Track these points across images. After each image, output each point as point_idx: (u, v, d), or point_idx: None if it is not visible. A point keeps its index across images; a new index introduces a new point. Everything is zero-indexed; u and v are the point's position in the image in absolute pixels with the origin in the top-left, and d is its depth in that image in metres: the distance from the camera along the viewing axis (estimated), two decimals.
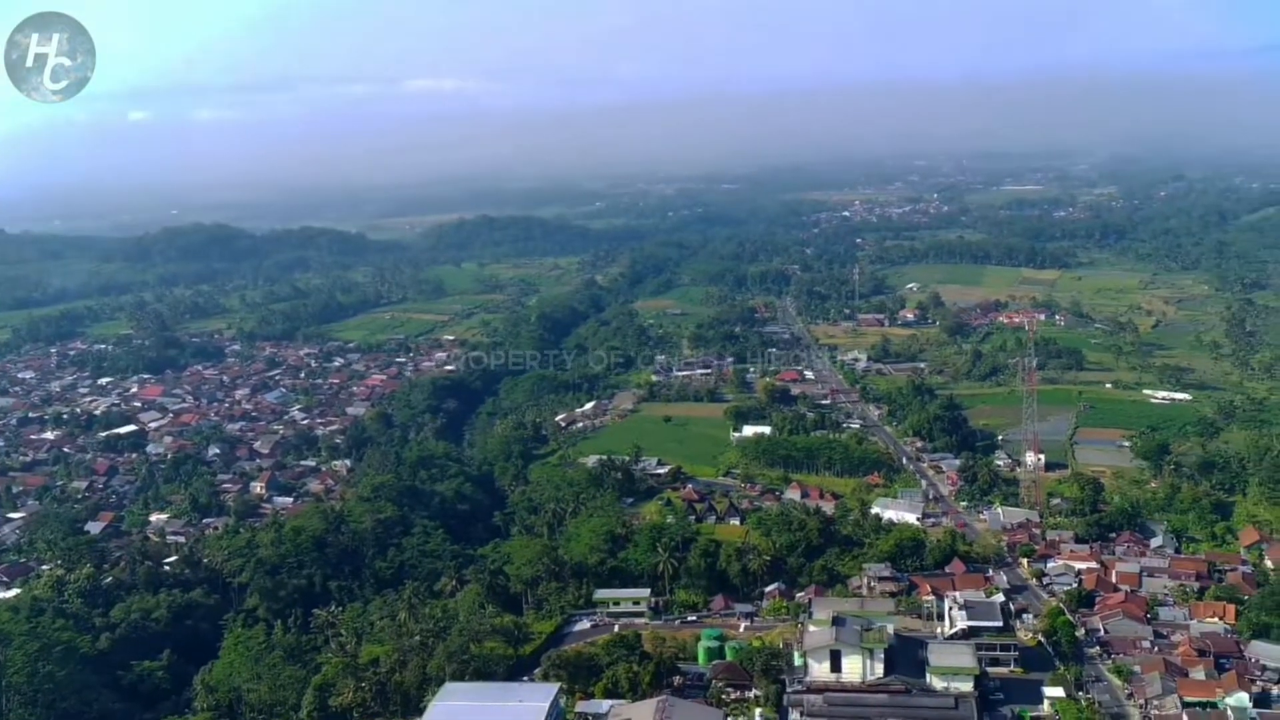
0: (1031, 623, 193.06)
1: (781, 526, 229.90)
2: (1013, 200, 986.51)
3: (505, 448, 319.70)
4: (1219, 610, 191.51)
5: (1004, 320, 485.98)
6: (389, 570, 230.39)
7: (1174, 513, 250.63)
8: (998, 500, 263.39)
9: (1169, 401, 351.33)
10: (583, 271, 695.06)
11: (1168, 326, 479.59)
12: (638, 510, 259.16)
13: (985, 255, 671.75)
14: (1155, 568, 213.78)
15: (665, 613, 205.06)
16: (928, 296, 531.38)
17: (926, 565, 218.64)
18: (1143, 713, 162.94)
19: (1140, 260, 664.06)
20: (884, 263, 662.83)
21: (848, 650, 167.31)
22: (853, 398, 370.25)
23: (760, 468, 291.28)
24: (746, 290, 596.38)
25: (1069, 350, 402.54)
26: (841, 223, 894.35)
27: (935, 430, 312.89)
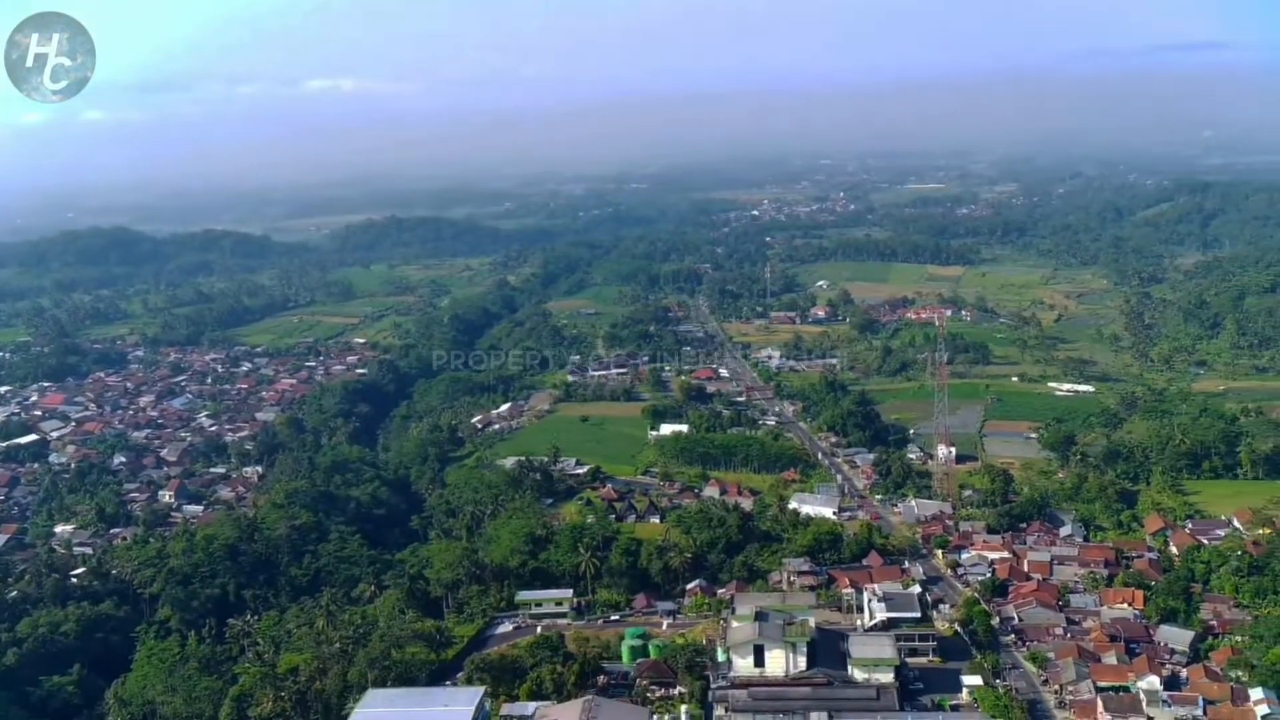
0: (948, 613, 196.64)
1: (701, 524, 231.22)
2: (917, 198, 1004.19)
3: (421, 451, 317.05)
4: (1128, 596, 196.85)
5: (912, 316, 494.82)
6: (305, 577, 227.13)
7: (1081, 502, 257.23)
8: (911, 493, 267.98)
9: (1073, 394, 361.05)
10: (494, 272, 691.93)
11: (1069, 320, 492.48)
12: (557, 511, 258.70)
13: (892, 253, 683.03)
14: (1065, 556, 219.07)
15: (588, 613, 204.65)
16: (837, 294, 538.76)
17: (844, 558, 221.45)
18: (1058, 698, 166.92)
19: (1041, 256, 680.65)
20: (794, 261, 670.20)
21: (771, 644, 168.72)
22: (767, 395, 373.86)
23: (679, 466, 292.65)
24: (659, 289, 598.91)
25: (976, 345, 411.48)
26: (750, 221, 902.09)
27: (849, 425, 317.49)
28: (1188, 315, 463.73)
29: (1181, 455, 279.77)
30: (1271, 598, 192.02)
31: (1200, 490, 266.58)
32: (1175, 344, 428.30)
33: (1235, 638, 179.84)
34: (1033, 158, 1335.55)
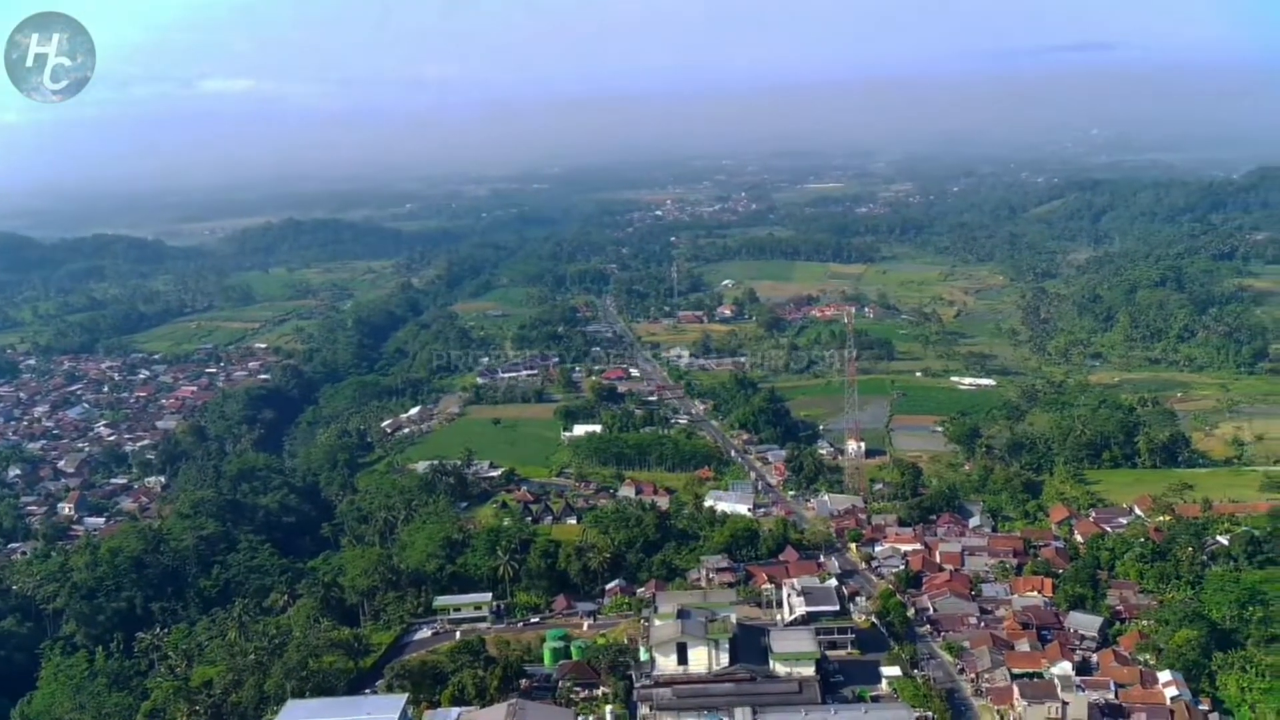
0: (865, 605, 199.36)
1: (619, 524, 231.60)
2: (817, 197, 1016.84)
3: (330, 457, 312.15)
4: (1037, 584, 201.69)
5: (817, 314, 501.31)
6: (215, 589, 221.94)
7: (988, 493, 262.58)
8: (824, 488, 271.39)
9: (975, 387, 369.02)
10: (398, 274, 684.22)
11: (969, 316, 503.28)
12: (473, 514, 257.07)
13: (795, 251, 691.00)
14: (975, 547, 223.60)
15: (508, 616, 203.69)
16: (743, 293, 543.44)
17: (761, 554, 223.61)
18: (974, 686, 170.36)
19: (939, 253, 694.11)
20: (699, 260, 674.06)
21: (694, 642, 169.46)
22: (678, 393, 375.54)
23: (593, 466, 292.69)
24: (566, 290, 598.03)
25: (880, 341, 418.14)
26: (655, 221, 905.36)
27: (760, 423, 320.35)
28: (1082, 309, 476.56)
29: (1082, 446, 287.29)
30: (1174, 582, 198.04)
31: (1101, 479, 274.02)
32: (1071, 337, 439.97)
33: (1142, 622, 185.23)
34: (928, 157, 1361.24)
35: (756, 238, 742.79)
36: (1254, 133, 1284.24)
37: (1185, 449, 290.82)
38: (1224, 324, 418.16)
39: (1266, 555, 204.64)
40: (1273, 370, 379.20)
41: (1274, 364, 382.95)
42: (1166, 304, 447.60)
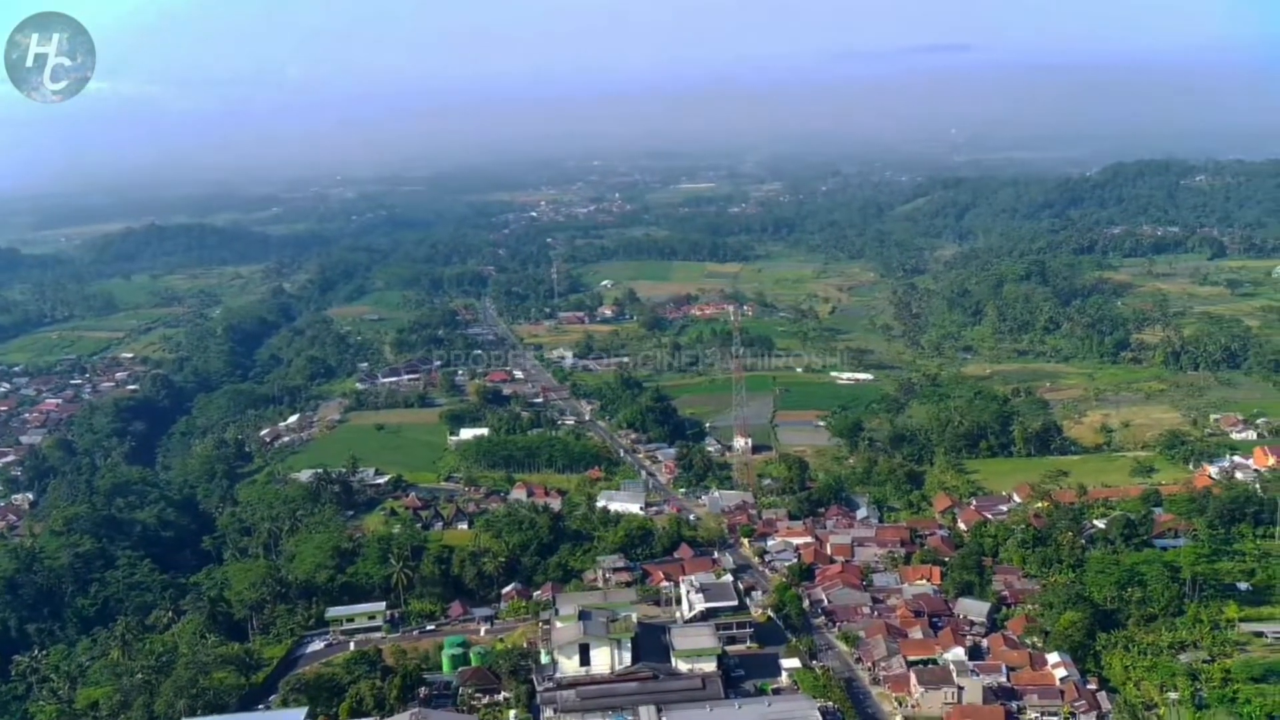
0: (761, 599, 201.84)
1: (512, 527, 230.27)
2: (690, 198, 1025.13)
3: (207, 468, 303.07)
4: (926, 573, 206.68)
5: (697, 313, 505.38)
6: (94, 607, 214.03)
7: (873, 485, 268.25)
8: (714, 484, 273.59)
9: (854, 382, 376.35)
10: (268, 280, 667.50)
11: (843, 312, 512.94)
12: (360, 522, 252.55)
13: (671, 251, 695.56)
14: (864, 538, 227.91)
15: (403, 624, 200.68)
16: (623, 293, 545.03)
17: (656, 553, 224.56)
18: (871, 675, 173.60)
19: (811, 251, 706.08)
20: (577, 261, 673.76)
21: (596, 642, 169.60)
22: (564, 395, 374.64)
23: (482, 470, 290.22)
24: (444, 293, 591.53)
25: (760, 338, 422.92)
26: (530, 223, 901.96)
27: (648, 421, 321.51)
28: (952, 304, 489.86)
29: (960, 436, 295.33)
30: (1056, 567, 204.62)
31: (980, 469, 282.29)
32: (942, 331, 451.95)
33: (1028, 606, 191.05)
34: (795, 158, 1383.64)
35: (633, 238, 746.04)
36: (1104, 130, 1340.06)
37: (1057, 437, 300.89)
38: (1087, 316, 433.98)
39: (1141, 538, 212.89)
40: (1134, 360, 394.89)
41: (1135, 353, 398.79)
42: (1032, 297, 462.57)
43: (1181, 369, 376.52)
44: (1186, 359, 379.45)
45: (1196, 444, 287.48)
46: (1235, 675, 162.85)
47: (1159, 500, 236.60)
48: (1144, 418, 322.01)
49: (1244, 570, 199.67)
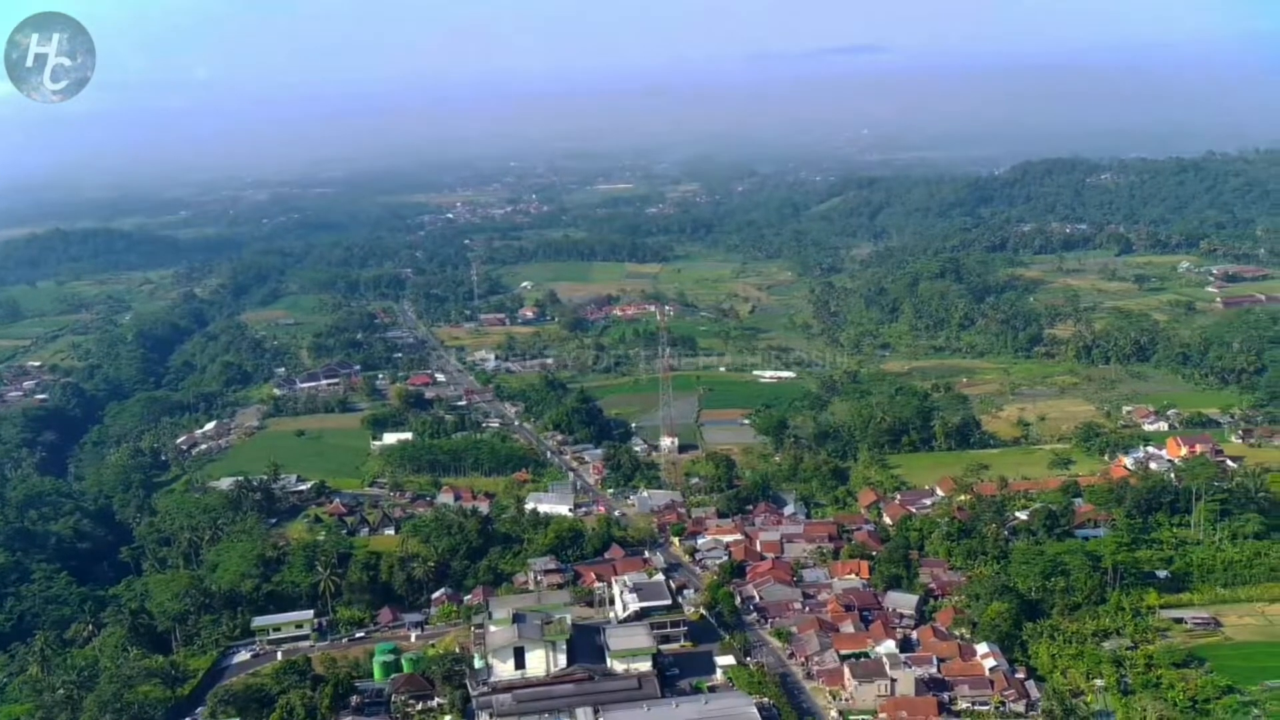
0: (693, 598, 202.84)
1: (440, 531, 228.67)
2: (607, 198, 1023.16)
3: (123, 478, 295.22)
4: (854, 567, 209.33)
5: (619, 313, 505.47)
6: (9, 623, 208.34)
7: (800, 482, 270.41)
8: (642, 484, 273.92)
9: (777, 380, 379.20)
10: (179, 285, 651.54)
11: (763, 311, 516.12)
12: (284, 530, 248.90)
13: (591, 252, 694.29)
14: (793, 534, 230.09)
15: (331, 633, 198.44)
16: (544, 294, 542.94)
17: (587, 554, 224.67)
18: (805, 670, 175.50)
19: (730, 251, 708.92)
20: (495, 262, 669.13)
21: (531, 645, 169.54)
22: (487, 397, 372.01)
23: (407, 474, 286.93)
24: (361, 296, 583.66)
25: (683, 338, 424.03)
26: (447, 224, 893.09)
27: (574, 423, 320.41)
28: (869, 302, 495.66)
29: (883, 432, 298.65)
30: (981, 558, 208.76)
31: (902, 463, 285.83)
32: (861, 329, 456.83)
33: (955, 598, 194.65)
34: (710, 158, 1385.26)
35: (552, 239, 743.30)
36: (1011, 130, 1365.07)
37: (976, 431, 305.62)
38: (1000, 312, 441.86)
39: (1063, 528, 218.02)
40: (1047, 354, 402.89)
41: (1048, 348, 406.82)
42: (947, 295, 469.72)
43: (1093, 363, 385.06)
44: (1098, 353, 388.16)
45: (1111, 436, 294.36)
46: (1158, 661, 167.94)
47: (1078, 491, 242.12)
48: (1059, 411, 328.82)
49: (1162, 558, 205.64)
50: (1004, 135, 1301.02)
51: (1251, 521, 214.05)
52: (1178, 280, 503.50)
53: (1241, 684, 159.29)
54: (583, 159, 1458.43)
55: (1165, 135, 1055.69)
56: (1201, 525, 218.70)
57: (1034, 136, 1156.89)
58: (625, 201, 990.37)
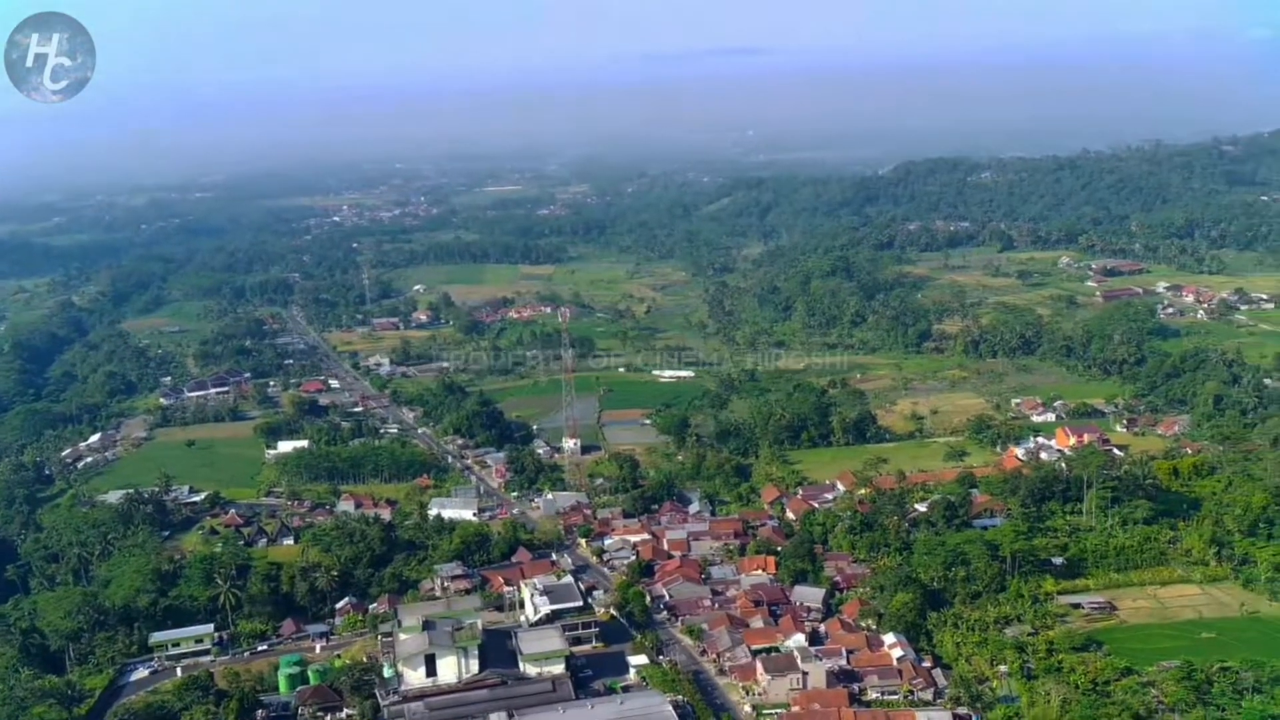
0: (603, 598, 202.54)
1: (342, 540, 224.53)
2: (497, 200, 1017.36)
3: (5, 493, 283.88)
4: (761, 563, 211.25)
5: (514, 315, 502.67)
6: None
7: (703, 479, 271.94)
8: (547, 486, 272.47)
9: (676, 379, 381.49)
10: (55, 293, 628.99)
11: (659, 311, 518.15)
12: (179, 543, 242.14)
13: (483, 254, 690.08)
14: (699, 532, 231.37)
15: (233, 646, 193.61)
16: (437, 297, 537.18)
17: (494, 558, 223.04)
18: (717, 666, 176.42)
19: (623, 252, 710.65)
20: (386, 266, 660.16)
21: (442, 652, 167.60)
22: (384, 403, 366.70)
23: (304, 483, 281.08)
24: (248, 302, 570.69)
25: (581, 339, 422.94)
26: (334, 228, 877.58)
27: (474, 426, 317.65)
28: (762, 301, 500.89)
29: (782, 429, 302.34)
30: (884, 550, 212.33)
31: (802, 459, 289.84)
32: (755, 327, 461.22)
33: (860, 590, 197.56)
34: (599, 159, 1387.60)
35: (443, 241, 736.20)
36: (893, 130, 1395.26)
37: (872, 426, 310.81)
38: (890, 309, 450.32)
39: (961, 519, 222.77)
40: (936, 349, 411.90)
41: (937, 343, 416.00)
42: (838, 292, 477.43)
43: (981, 357, 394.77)
44: (985, 347, 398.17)
45: (1001, 427, 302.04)
46: (1059, 646, 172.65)
47: (974, 482, 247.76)
48: (950, 404, 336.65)
49: (1057, 546, 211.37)
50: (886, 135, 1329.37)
51: (1141, 508, 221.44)
52: (1059, 275, 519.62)
53: (1139, 665, 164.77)
54: (470, 160, 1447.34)
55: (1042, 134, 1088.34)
56: (1093, 512, 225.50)
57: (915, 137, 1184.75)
58: (516, 203, 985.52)
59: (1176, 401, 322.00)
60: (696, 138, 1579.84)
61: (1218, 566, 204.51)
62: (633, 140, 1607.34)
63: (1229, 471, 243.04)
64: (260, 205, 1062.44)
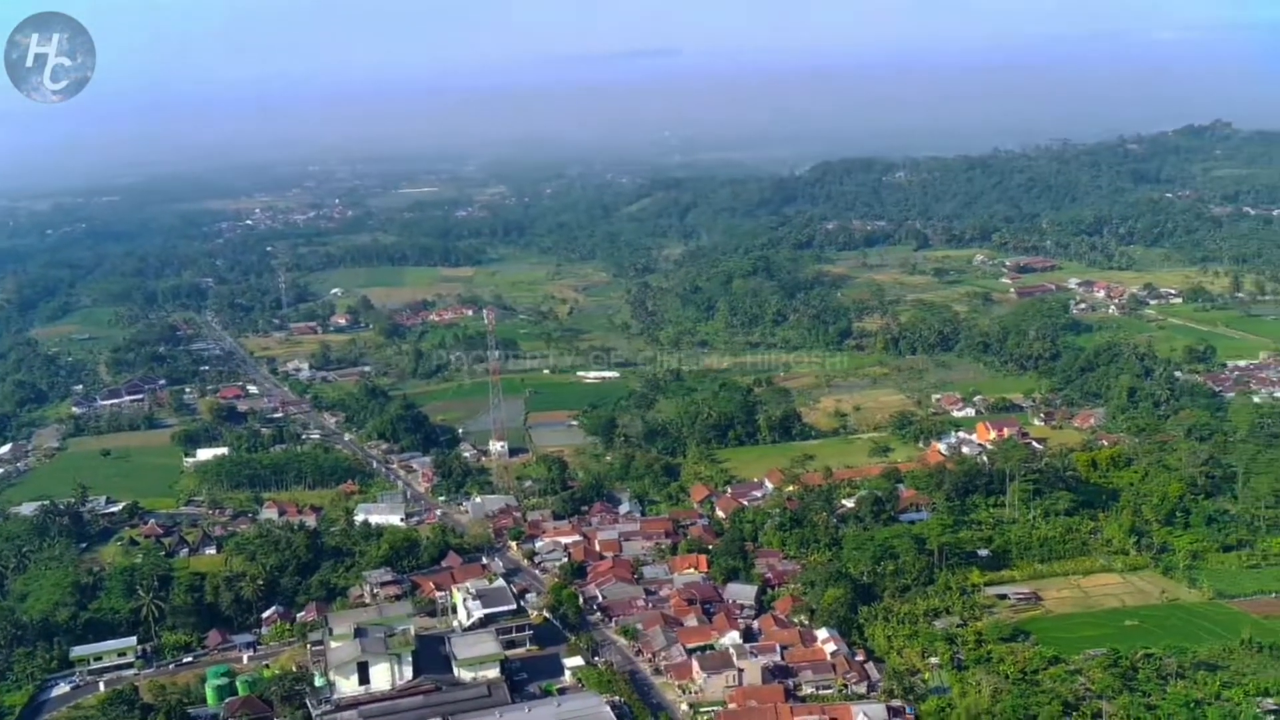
0: (536, 601, 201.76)
1: (266, 548, 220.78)
2: (414, 202, 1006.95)
3: None
4: (693, 562, 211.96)
5: (435, 318, 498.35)
6: None
7: (632, 480, 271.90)
8: (475, 490, 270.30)
9: (601, 380, 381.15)
10: None
11: (582, 312, 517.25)
12: (97, 554, 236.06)
13: (402, 256, 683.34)
14: (630, 532, 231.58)
15: (157, 659, 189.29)
16: (356, 301, 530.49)
17: (423, 563, 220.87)
18: (653, 665, 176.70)
19: (543, 253, 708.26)
20: (302, 269, 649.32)
21: (375, 659, 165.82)
22: (305, 408, 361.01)
23: (226, 491, 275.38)
24: (160, 308, 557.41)
25: (505, 341, 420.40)
26: (247, 231, 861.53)
27: (399, 431, 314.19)
28: (685, 301, 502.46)
29: (710, 427, 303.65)
30: (814, 546, 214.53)
31: (730, 457, 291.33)
32: (679, 327, 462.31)
33: (792, 586, 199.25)
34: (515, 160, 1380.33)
35: (360, 244, 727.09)
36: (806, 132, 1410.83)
37: (798, 423, 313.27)
38: (811, 307, 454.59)
39: (889, 513, 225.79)
40: (857, 347, 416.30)
41: (858, 341, 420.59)
42: (760, 291, 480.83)
43: (901, 354, 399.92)
44: (905, 344, 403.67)
45: (923, 423, 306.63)
46: (987, 637, 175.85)
47: (900, 477, 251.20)
48: (873, 401, 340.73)
49: (982, 538, 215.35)
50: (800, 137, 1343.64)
51: (1062, 499, 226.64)
52: (974, 272, 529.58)
53: (1066, 654, 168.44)
54: (385, 162, 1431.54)
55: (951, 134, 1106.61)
56: (1016, 505, 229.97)
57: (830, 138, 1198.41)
58: (433, 204, 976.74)
59: (1091, 395, 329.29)
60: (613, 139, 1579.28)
61: (1138, 555, 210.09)
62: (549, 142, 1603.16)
63: (1145, 462, 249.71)
64: (170, 209, 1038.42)
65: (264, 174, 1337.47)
